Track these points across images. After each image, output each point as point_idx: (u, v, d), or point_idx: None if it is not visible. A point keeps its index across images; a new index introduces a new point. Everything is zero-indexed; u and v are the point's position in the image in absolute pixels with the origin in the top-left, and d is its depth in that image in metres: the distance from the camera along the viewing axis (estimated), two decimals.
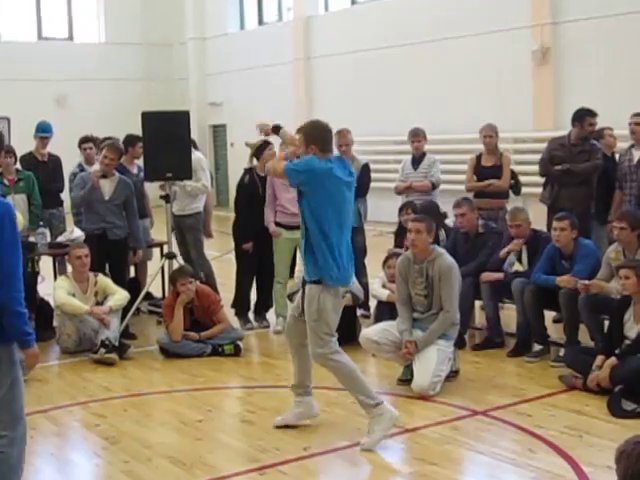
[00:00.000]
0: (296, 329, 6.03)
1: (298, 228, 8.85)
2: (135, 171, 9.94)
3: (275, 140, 9.38)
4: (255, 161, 9.33)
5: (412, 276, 7.07)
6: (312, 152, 5.72)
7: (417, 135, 10.18)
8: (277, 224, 9.00)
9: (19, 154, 10.16)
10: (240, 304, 9.42)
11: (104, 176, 8.91)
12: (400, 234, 9.57)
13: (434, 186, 9.99)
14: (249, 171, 9.35)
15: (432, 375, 6.74)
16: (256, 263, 9.32)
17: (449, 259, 7.02)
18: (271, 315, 9.41)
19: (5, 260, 4.14)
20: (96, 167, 9.48)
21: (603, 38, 14.78)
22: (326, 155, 5.75)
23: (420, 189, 9.94)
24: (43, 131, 10.73)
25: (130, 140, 10.02)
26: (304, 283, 5.86)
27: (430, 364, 6.77)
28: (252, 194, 9.19)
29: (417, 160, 10.13)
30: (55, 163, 10.75)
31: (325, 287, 5.71)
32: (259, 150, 9.29)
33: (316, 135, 5.79)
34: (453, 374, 7.16)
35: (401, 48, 18.22)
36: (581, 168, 9.02)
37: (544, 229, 8.73)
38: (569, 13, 15.35)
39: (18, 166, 10.15)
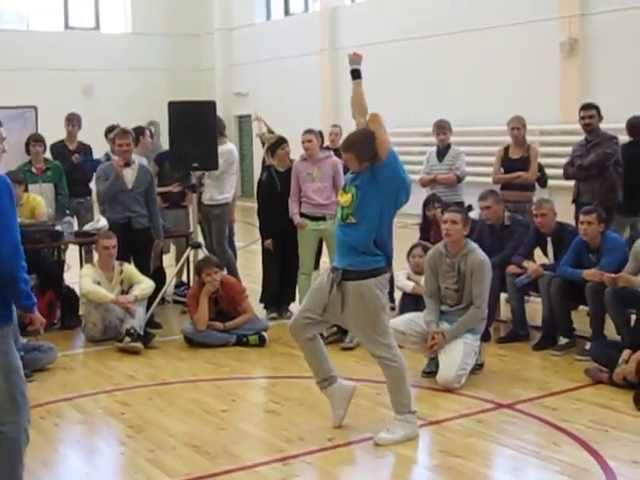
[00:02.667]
0: (304, 326, 5.82)
1: (323, 219, 8.94)
2: None
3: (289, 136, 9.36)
4: (271, 157, 9.36)
5: (443, 269, 7.04)
6: (365, 167, 5.58)
7: (442, 127, 10.13)
8: (302, 215, 8.99)
9: (47, 143, 10.21)
10: (266, 297, 9.45)
11: (127, 164, 8.91)
12: (426, 228, 9.55)
13: (459, 179, 9.95)
14: (267, 168, 9.38)
15: (458, 368, 6.72)
16: (280, 257, 9.35)
17: (482, 255, 6.99)
18: (295, 306, 9.40)
19: (8, 229, 4.23)
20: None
21: (632, 30, 14.64)
22: None
23: (445, 182, 9.91)
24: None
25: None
26: (339, 280, 5.63)
27: (456, 357, 6.75)
28: (270, 192, 9.24)
29: (442, 152, 10.09)
30: (85, 152, 10.78)
31: (379, 280, 5.59)
32: (274, 146, 9.30)
33: (369, 148, 5.60)
34: (478, 367, 7.13)
35: (427, 39, 18.16)
36: (588, 160, 9.05)
37: (570, 222, 8.67)
38: (598, 5, 15.23)
39: (47, 155, 10.22)
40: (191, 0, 25.66)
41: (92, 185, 10.58)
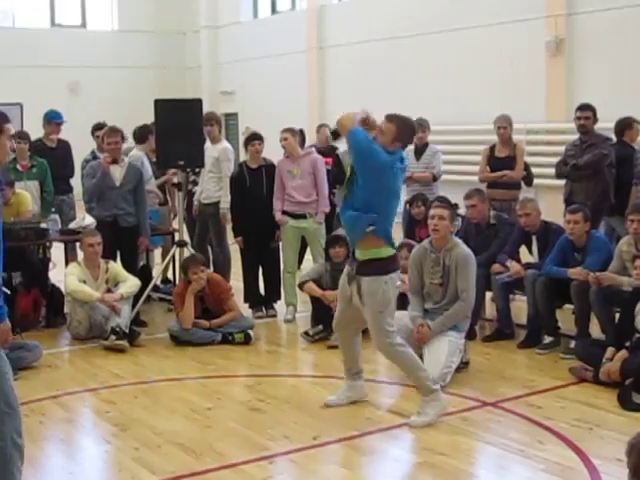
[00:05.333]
0: (347, 319, 6.17)
1: (304, 217, 8.95)
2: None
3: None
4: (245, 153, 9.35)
5: (427, 265, 7.06)
6: (395, 147, 5.81)
7: (421, 125, 10.12)
8: (284, 212, 8.98)
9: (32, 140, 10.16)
10: (248, 296, 9.41)
11: (114, 161, 8.88)
12: (410, 226, 9.57)
13: (435, 178, 10.06)
14: (240, 165, 9.35)
15: (442, 366, 6.72)
16: (256, 256, 9.28)
17: (466, 249, 7.02)
18: (280, 305, 9.39)
19: None
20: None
21: (618, 29, 14.67)
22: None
23: (421, 180, 10.02)
24: (57, 117, 10.72)
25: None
26: (353, 275, 5.92)
27: (441, 355, 6.76)
28: (240, 188, 9.16)
29: (419, 151, 10.18)
30: (65, 149, 10.74)
31: (386, 278, 5.81)
32: (246, 141, 9.29)
33: (406, 136, 5.93)
34: (463, 365, 7.14)
35: (414, 38, 18.15)
36: (583, 161, 9.10)
37: (556, 221, 8.70)
38: (584, 4, 15.25)
39: None
40: None
41: (74, 182, 10.58)
